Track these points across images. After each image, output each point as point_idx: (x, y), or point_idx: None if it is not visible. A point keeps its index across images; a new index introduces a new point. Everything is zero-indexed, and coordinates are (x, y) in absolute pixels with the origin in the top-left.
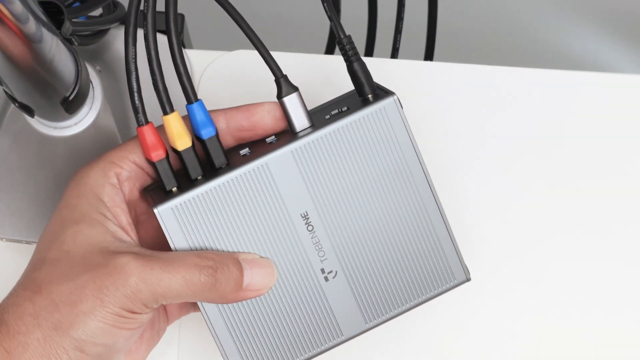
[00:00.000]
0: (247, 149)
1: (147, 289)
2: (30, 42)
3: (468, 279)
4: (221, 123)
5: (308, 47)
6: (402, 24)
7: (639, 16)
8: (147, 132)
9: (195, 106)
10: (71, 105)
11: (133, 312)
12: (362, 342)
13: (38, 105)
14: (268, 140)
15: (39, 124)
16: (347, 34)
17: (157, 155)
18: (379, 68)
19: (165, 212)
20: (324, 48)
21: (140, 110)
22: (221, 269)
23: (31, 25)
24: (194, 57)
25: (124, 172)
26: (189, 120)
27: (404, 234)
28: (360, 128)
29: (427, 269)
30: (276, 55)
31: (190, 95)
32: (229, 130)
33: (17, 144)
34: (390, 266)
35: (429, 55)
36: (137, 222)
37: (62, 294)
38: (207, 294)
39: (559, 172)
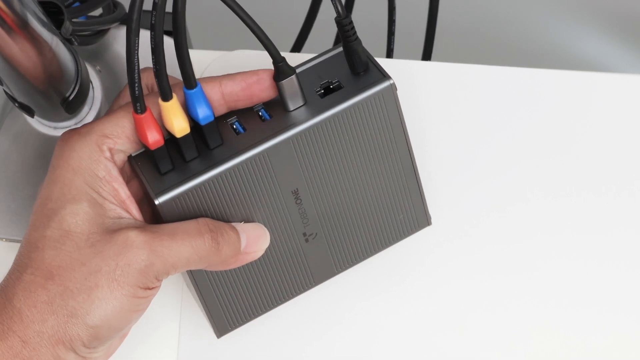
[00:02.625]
0: (235, 118)
1: (158, 260)
2: (30, 42)
3: (429, 224)
4: (216, 93)
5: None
6: (394, 26)
7: (639, 16)
8: (147, 121)
9: (195, 92)
10: (71, 105)
11: (147, 288)
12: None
13: (38, 105)
14: (256, 108)
15: (39, 124)
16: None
17: (156, 143)
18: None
19: (167, 203)
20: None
21: (140, 99)
22: (220, 233)
23: (31, 26)
24: (194, 57)
25: (117, 146)
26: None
27: (380, 199)
28: (356, 112)
29: (397, 224)
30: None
31: (191, 80)
32: (225, 100)
33: (17, 144)
34: (364, 224)
35: (426, 55)
36: (128, 180)
37: (77, 280)
38: (212, 259)
39: (559, 172)
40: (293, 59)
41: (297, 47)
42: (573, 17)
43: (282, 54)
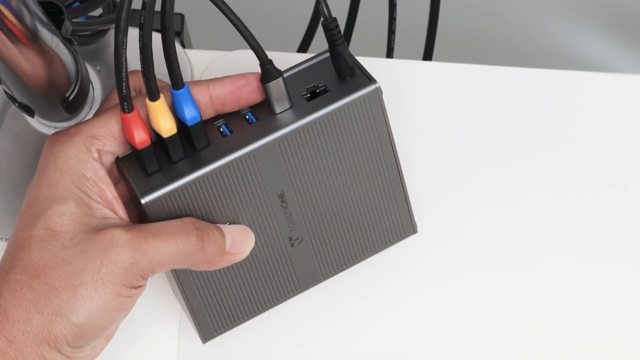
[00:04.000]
0: (222, 120)
1: (143, 258)
2: (30, 42)
3: (415, 232)
4: (204, 97)
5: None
6: (395, 25)
7: (639, 16)
8: (134, 120)
9: (182, 92)
10: (71, 105)
11: (132, 287)
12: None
13: (38, 105)
14: (242, 112)
15: (39, 124)
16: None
17: (143, 143)
18: (376, 67)
19: (153, 202)
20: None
21: (128, 98)
22: (205, 232)
23: (31, 26)
24: (194, 57)
25: (105, 148)
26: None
27: (365, 205)
28: (341, 115)
29: (383, 232)
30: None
31: (178, 80)
32: (213, 103)
33: (17, 144)
34: (349, 231)
35: (427, 55)
36: (116, 182)
37: (62, 279)
38: (197, 257)
39: (559, 172)
40: (299, 60)
41: (303, 48)
42: (573, 17)
43: (289, 54)
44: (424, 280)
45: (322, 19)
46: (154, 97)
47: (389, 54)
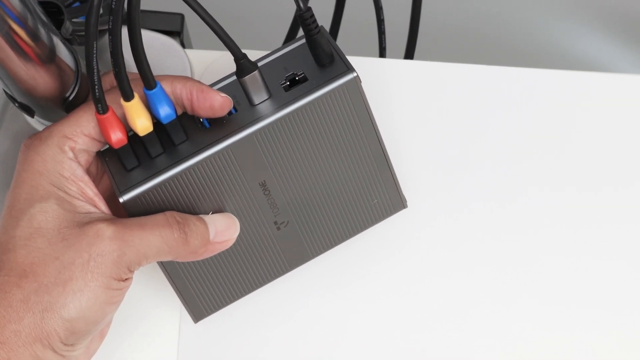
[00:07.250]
0: None
1: (130, 250)
2: (29, 42)
3: (405, 207)
4: (169, 94)
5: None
6: (384, 26)
7: (639, 16)
8: (109, 121)
9: (154, 92)
10: (71, 105)
11: (120, 280)
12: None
13: (38, 105)
14: None
15: (39, 124)
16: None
17: (119, 142)
18: (371, 67)
19: (132, 200)
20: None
21: (102, 100)
22: (187, 225)
23: (31, 26)
24: (194, 57)
25: (78, 146)
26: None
27: (351, 186)
28: (319, 105)
29: (372, 208)
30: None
31: (150, 80)
32: (192, 109)
33: (17, 144)
34: (336, 211)
35: (409, 54)
36: (101, 178)
37: (51, 275)
38: (180, 249)
39: (558, 172)
40: None
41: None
42: (573, 17)
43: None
44: (422, 280)
45: (296, 9)
46: (127, 98)
47: (382, 53)
